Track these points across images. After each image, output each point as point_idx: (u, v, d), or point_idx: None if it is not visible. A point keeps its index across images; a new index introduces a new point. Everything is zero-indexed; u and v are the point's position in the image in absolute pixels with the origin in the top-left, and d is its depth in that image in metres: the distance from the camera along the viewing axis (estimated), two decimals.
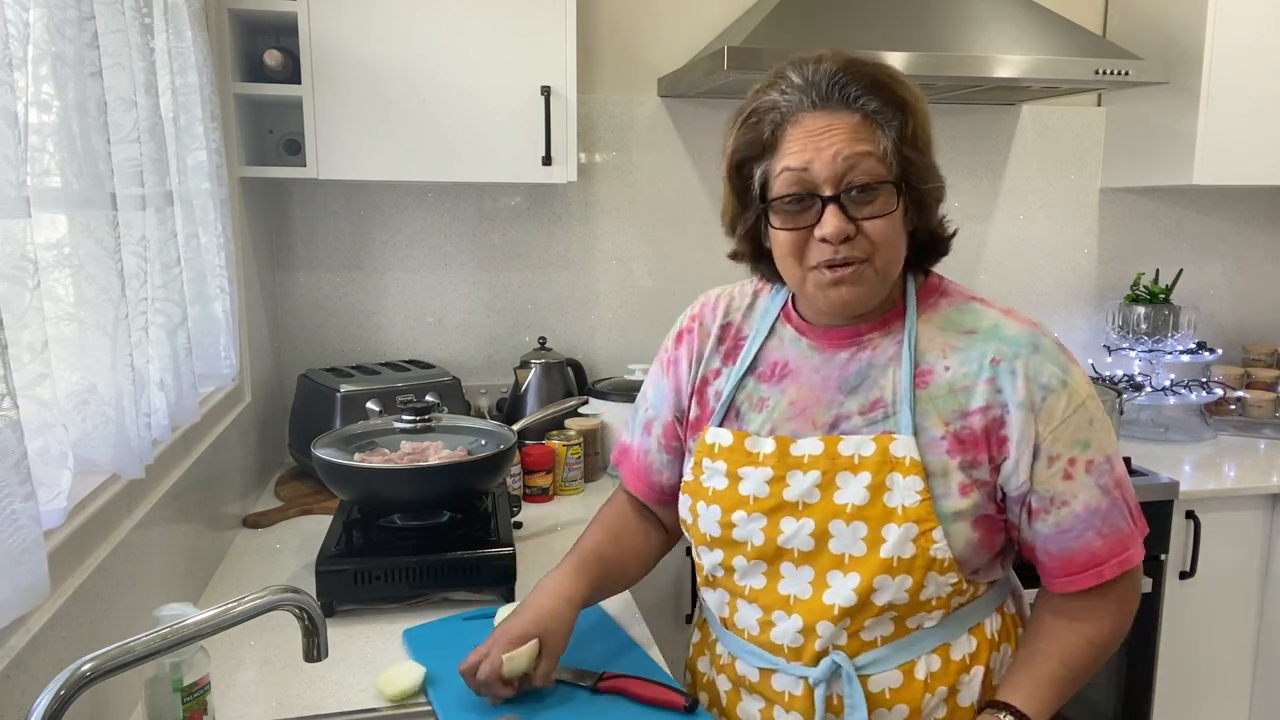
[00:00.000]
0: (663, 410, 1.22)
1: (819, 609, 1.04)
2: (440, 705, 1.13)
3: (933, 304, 1.07)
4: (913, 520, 1.00)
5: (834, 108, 0.96)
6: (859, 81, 0.96)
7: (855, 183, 0.96)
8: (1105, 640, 1.08)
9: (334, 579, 1.39)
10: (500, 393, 2.41)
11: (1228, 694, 2.31)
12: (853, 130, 0.95)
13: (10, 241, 0.84)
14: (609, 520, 1.28)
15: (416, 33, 1.94)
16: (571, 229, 2.45)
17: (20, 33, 0.86)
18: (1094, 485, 1.02)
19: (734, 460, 1.09)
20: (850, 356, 1.07)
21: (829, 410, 1.07)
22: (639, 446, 1.26)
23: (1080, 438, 1.02)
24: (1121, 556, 1.04)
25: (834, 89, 0.96)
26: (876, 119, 0.96)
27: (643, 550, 1.27)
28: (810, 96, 0.96)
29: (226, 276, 1.62)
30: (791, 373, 1.10)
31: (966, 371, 1.02)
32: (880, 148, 0.96)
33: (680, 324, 1.22)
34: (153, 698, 1.03)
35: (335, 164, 1.96)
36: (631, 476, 1.27)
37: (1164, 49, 2.43)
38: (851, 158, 0.95)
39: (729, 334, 1.16)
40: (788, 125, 0.98)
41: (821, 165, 0.96)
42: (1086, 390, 1.03)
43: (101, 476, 1.11)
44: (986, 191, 2.64)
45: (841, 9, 2.14)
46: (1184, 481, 2.15)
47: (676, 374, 1.20)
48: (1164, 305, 2.59)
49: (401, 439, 1.58)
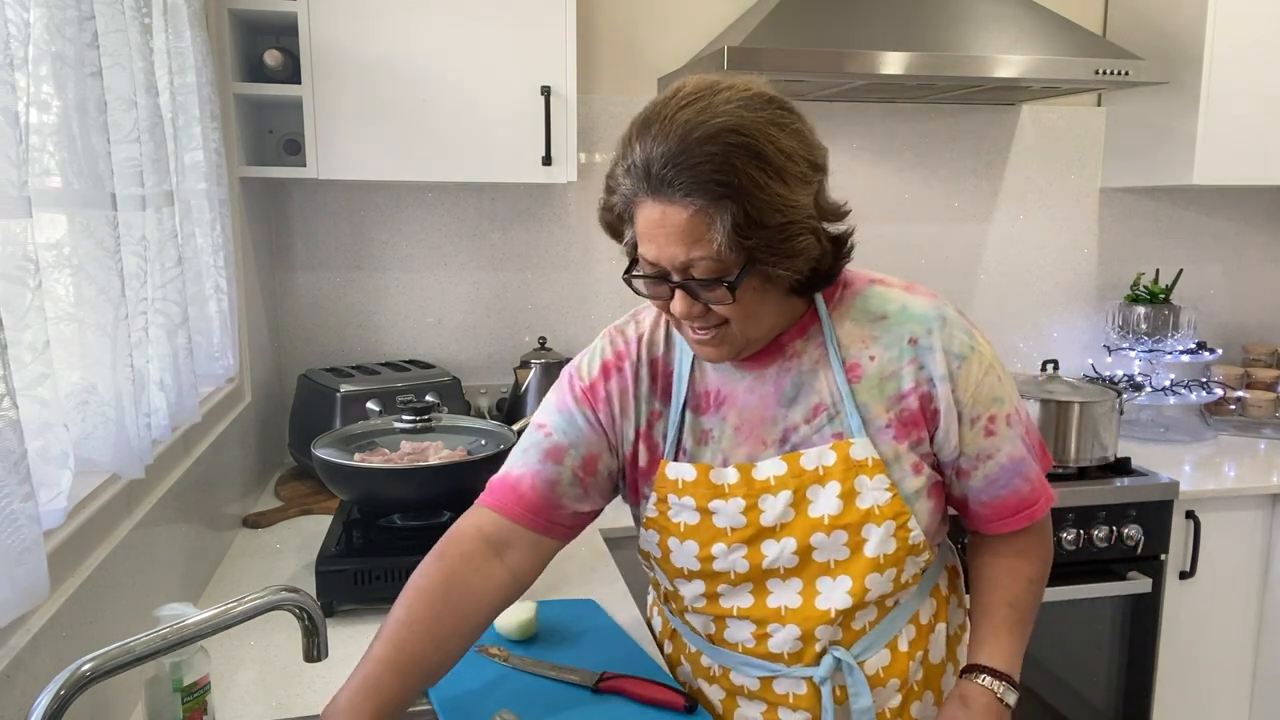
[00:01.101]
0: (581, 441, 1.11)
1: (814, 615, 1.06)
2: (440, 705, 1.13)
3: (839, 298, 1.09)
4: (889, 517, 1.04)
5: (665, 198, 0.92)
6: (684, 175, 0.90)
7: (693, 276, 0.95)
8: (1039, 576, 1.15)
9: (334, 579, 1.39)
10: (500, 393, 2.41)
11: (1228, 694, 2.31)
12: (684, 228, 0.92)
13: (11, 241, 0.84)
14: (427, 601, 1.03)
15: (416, 33, 1.94)
16: (571, 229, 2.45)
17: (20, 33, 0.86)
18: (1014, 436, 1.08)
19: (701, 495, 1.08)
20: (780, 369, 1.07)
21: (775, 426, 1.07)
22: (540, 474, 1.10)
23: (995, 394, 1.06)
24: (1045, 495, 1.12)
25: (662, 183, 0.91)
26: (708, 212, 0.91)
27: (474, 620, 1.05)
28: (645, 185, 0.93)
29: (225, 276, 1.62)
30: (727, 398, 1.09)
31: (890, 357, 1.05)
32: (714, 246, 0.92)
33: (601, 358, 1.13)
34: (153, 698, 1.03)
35: (335, 164, 1.96)
36: (522, 508, 1.09)
37: (1164, 49, 2.43)
38: (686, 260, 0.94)
39: (658, 371, 1.12)
40: (635, 207, 0.96)
41: (663, 259, 0.95)
42: (990, 350, 1.08)
43: (101, 476, 1.11)
44: (986, 191, 2.64)
45: (841, 9, 2.14)
46: (1184, 481, 2.15)
47: (608, 410, 1.12)
48: (1164, 305, 2.59)
49: (401, 439, 1.58)
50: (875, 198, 2.57)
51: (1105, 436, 2.14)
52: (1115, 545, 2.09)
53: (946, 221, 2.62)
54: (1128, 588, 2.11)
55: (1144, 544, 2.10)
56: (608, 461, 1.12)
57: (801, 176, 0.94)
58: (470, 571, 1.06)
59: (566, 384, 1.14)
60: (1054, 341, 2.76)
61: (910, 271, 2.58)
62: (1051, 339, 2.76)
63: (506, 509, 1.10)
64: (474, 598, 1.05)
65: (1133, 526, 2.08)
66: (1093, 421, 2.12)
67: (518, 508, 1.09)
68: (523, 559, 1.10)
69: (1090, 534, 2.07)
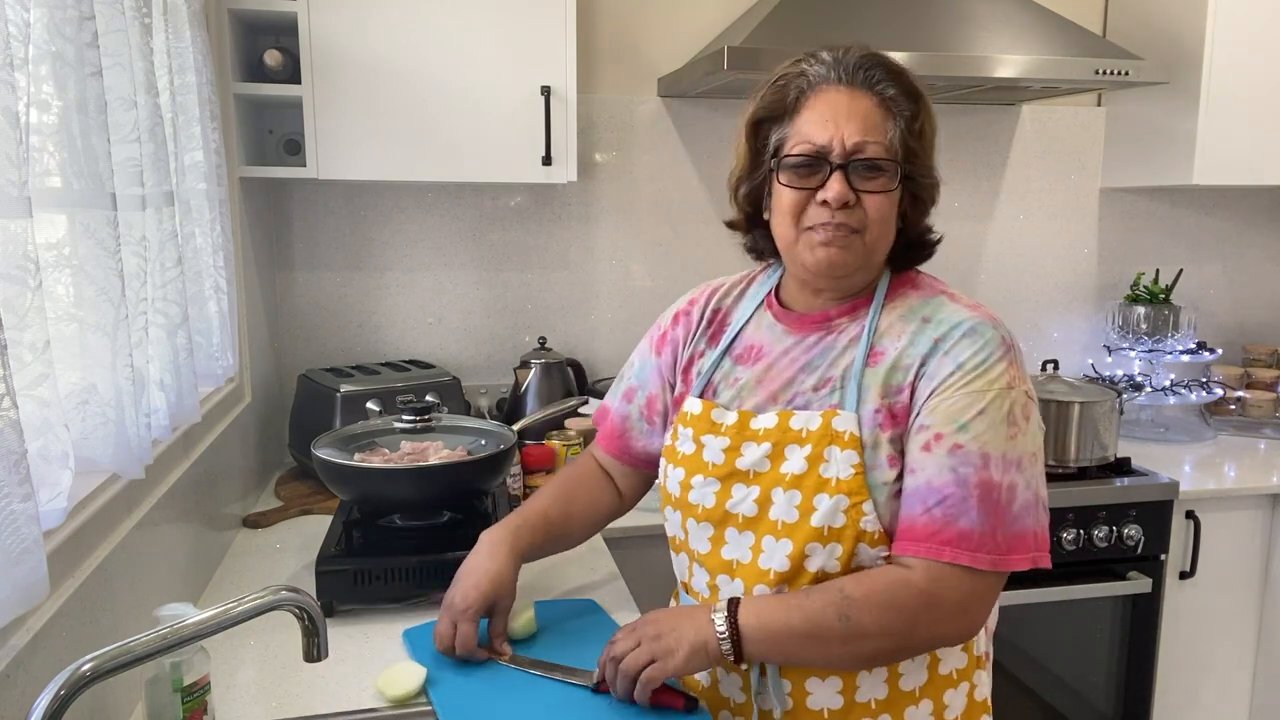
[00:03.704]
0: (647, 383, 1.29)
1: (756, 574, 1.08)
2: (440, 705, 1.13)
3: (902, 294, 1.13)
4: (844, 492, 1.04)
5: (856, 87, 1.04)
6: (882, 68, 1.05)
7: (862, 155, 1.03)
8: (859, 593, 0.98)
9: (334, 579, 1.39)
10: (500, 393, 2.41)
11: (1228, 694, 2.31)
12: (868, 111, 1.04)
13: (11, 241, 0.84)
14: (563, 484, 1.35)
15: (416, 33, 1.94)
16: (571, 229, 2.44)
17: (20, 33, 0.86)
18: (947, 467, 0.98)
19: (700, 428, 1.15)
20: (817, 340, 1.13)
21: (789, 388, 1.12)
22: (617, 410, 1.33)
23: (959, 419, 0.99)
24: (929, 542, 0.98)
25: (858, 71, 1.04)
26: (891, 106, 1.04)
27: (592, 514, 1.34)
28: (837, 72, 1.05)
29: (224, 276, 1.62)
30: (764, 355, 1.16)
31: (911, 352, 1.06)
32: (888, 135, 1.04)
33: (678, 306, 1.29)
34: (153, 698, 1.03)
35: (335, 164, 1.96)
36: (606, 436, 1.34)
37: (1164, 49, 2.43)
38: (863, 137, 1.03)
39: (717, 319, 1.23)
40: (811, 94, 1.06)
41: (835, 135, 1.03)
42: (998, 386, 1.00)
43: (101, 476, 1.11)
44: (986, 191, 2.64)
45: (841, 9, 2.14)
46: (1184, 481, 2.15)
47: (670, 353, 1.26)
48: (1164, 305, 2.59)
49: (401, 439, 1.58)
50: None
51: (1105, 436, 2.14)
52: (1115, 545, 2.09)
53: (946, 221, 2.58)
54: (1128, 588, 2.11)
55: (1144, 544, 2.10)
56: (664, 401, 1.27)
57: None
58: (592, 479, 1.36)
59: (650, 332, 1.32)
60: (1054, 341, 2.76)
61: None
62: (1051, 339, 2.76)
63: (602, 441, 1.35)
64: (597, 496, 1.34)
65: (1133, 526, 2.08)
66: (1093, 421, 2.12)
67: (607, 440, 1.34)
68: (623, 483, 1.36)
69: (1090, 534, 2.07)
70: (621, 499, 1.37)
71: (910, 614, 0.98)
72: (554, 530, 1.29)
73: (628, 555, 1.77)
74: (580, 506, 1.33)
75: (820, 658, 1.04)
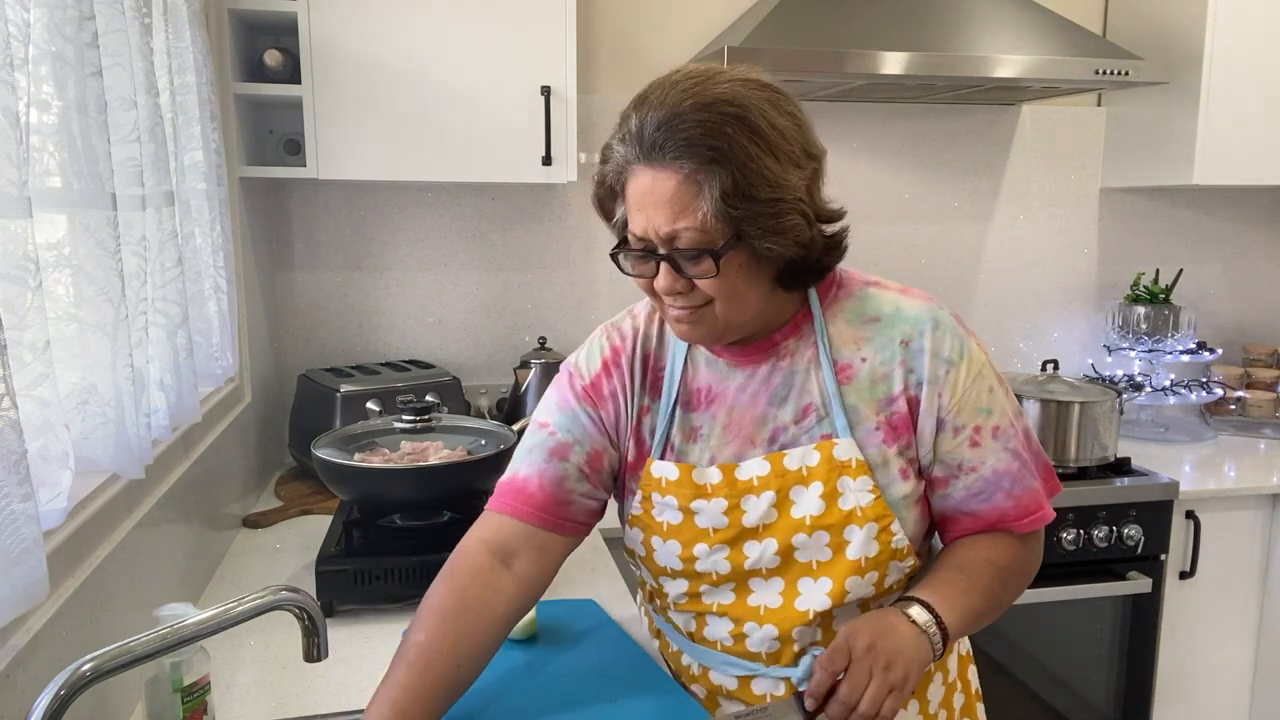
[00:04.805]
0: (585, 438, 1.11)
1: (793, 616, 1.05)
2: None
3: (834, 298, 1.08)
4: (872, 519, 1.02)
5: (657, 164, 0.93)
6: (676, 138, 0.91)
7: (679, 247, 0.95)
8: (1004, 563, 1.06)
9: (334, 579, 1.39)
10: (500, 393, 2.41)
11: (1228, 694, 2.31)
12: (673, 195, 0.93)
13: (11, 241, 0.84)
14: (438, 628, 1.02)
15: (416, 33, 1.94)
16: (572, 229, 2.45)
17: (20, 33, 0.86)
18: (1002, 449, 1.05)
19: (684, 494, 1.07)
20: (771, 367, 1.07)
21: (765, 426, 1.06)
22: (547, 473, 1.10)
23: (982, 405, 1.04)
24: (1033, 515, 1.07)
25: (654, 148, 0.93)
26: (698, 177, 0.92)
27: (489, 639, 1.05)
28: (637, 149, 0.94)
29: (224, 277, 1.62)
30: (718, 396, 1.08)
31: (882, 359, 1.04)
32: (699, 215, 0.92)
33: (600, 355, 1.14)
34: (153, 698, 1.03)
35: (335, 164, 1.96)
36: (531, 508, 1.09)
37: (1164, 49, 2.43)
38: (673, 226, 0.94)
39: (649, 366, 1.13)
40: (626, 176, 0.97)
41: (650, 229, 0.96)
42: (983, 359, 1.06)
43: (101, 476, 1.11)
44: (986, 191, 2.64)
45: (841, 9, 2.14)
46: (1184, 481, 2.15)
47: (612, 409, 1.12)
48: (1164, 305, 2.59)
49: (401, 439, 1.58)
50: (875, 198, 2.57)
51: (1105, 436, 2.14)
52: (1115, 545, 2.09)
53: (946, 221, 2.62)
54: (1128, 588, 2.11)
55: (1144, 544, 2.10)
56: (611, 457, 1.13)
57: (793, 157, 0.95)
58: (480, 587, 1.05)
59: (566, 382, 1.14)
60: (1054, 341, 2.76)
61: (910, 271, 2.58)
62: (1051, 339, 2.76)
63: (517, 511, 1.09)
64: (488, 614, 1.04)
65: (1133, 526, 2.08)
66: (1093, 421, 2.12)
67: (528, 508, 1.09)
68: (530, 566, 1.09)
69: (1090, 534, 2.07)
70: (527, 593, 1.09)
71: (1031, 569, 1.11)
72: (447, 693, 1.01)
73: None
74: (469, 639, 1.02)
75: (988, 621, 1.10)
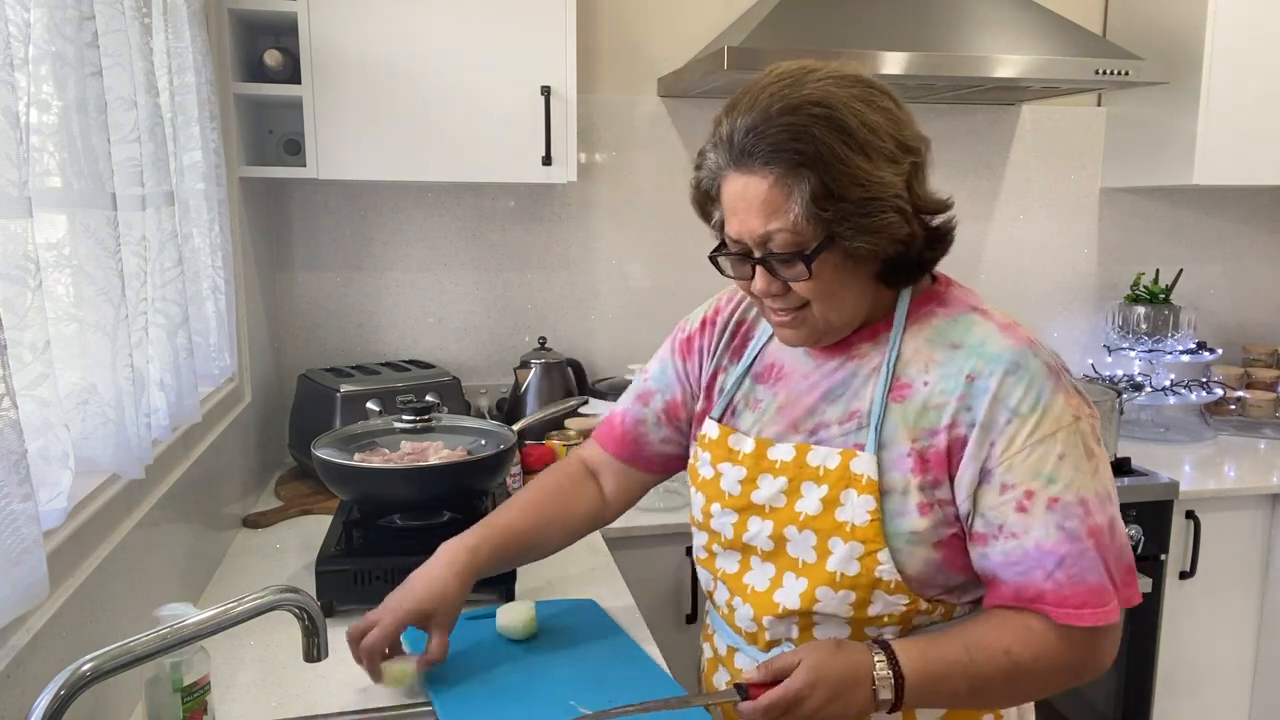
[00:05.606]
0: (668, 387, 1.24)
1: (768, 604, 1.07)
2: (440, 705, 1.13)
3: (927, 313, 1.04)
4: (859, 540, 0.99)
5: (747, 169, 0.94)
6: (764, 143, 0.92)
7: (773, 251, 0.96)
8: (1025, 660, 0.96)
9: (334, 579, 1.39)
10: (500, 393, 2.41)
11: (1228, 694, 2.31)
12: (765, 197, 0.94)
13: (11, 241, 0.84)
14: (536, 493, 1.28)
15: (416, 33, 1.94)
16: (571, 229, 2.45)
17: (20, 33, 0.86)
18: (1053, 525, 0.94)
19: (717, 454, 1.13)
20: (839, 365, 1.07)
21: (811, 417, 1.07)
22: (630, 413, 1.28)
23: (1044, 471, 0.94)
24: (1078, 610, 0.94)
25: (744, 153, 0.94)
26: (788, 180, 0.92)
27: (566, 523, 1.27)
28: (728, 155, 0.96)
29: (223, 277, 1.62)
30: (785, 376, 1.11)
31: (944, 389, 0.98)
32: (790, 218, 0.93)
33: (704, 312, 1.24)
34: (153, 698, 1.03)
35: (335, 164, 1.96)
36: (612, 439, 1.29)
37: (1164, 49, 2.43)
38: (766, 228, 0.95)
39: (740, 331, 1.19)
40: (719, 181, 0.99)
41: (745, 232, 0.97)
42: (1066, 421, 0.95)
43: (101, 476, 1.11)
44: (986, 191, 2.64)
45: (841, 9, 2.14)
46: (1184, 481, 2.15)
47: (696, 362, 1.22)
48: (1164, 305, 2.59)
49: (401, 439, 1.58)
50: None
51: (1105, 436, 2.14)
52: None
53: None
54: None
55: (1144, 544, 2.10)
56: (690, 408, 1.23)
57: (887, 154, 0.93)
58: (571, 484, 1.29)
59: (672, 334, 1.27)
60: (1054, 341, 2.76)
61: None
62: (1051, 339, 2.76)
63: (603, 441, 1.30)
64: (572, 503, 1.28)
65: (1133, 527, 2.08)
66: None
67: (610, 441, 1.29)
68: (612, 486, 1.30)
69: None
70: (605, 505, 1.31)
71: (1071, 675, 1.00)
72: (521, 542, 1.23)
73: (628, 555, 1.77)
74: (551, 519, 1.26)
75: (971, 709, 1.06)
